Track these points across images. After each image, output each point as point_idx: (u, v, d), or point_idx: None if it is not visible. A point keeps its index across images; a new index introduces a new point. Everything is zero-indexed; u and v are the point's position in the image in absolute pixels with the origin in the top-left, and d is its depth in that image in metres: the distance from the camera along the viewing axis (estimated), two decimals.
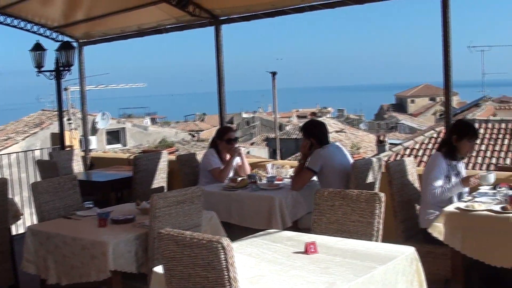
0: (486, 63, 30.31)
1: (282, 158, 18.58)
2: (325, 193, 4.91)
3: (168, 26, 9.61)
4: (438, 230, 5.23)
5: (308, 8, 8.04)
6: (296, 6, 8.15)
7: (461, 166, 6.04)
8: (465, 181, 5.66)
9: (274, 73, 9.80)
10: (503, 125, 19.42)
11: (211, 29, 9.01)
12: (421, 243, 5.61)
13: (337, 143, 7.09)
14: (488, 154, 18.03)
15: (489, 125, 19.55)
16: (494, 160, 17.64)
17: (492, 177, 5.52)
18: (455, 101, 57.72)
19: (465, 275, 5.54)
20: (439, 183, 5.78)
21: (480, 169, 15.18)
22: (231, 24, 9.16)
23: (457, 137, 5.89)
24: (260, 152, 34.66)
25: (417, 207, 6.14)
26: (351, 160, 6.76)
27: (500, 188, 5.80)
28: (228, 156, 7.56)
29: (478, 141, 18.01)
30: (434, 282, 5.59)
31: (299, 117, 60.35)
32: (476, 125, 19.37)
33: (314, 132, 6.81)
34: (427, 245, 5.56)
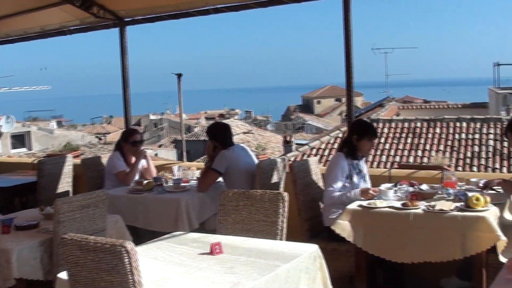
0: (389, 65, 31.23)
1: (191, 160, 18.52)
2: (229, 194, 4.96)
3: (72, 28, 9.44)
4: (341, 227, 5.33)
5: (213, 11, 8.07)
6: (201, 9, 8.17)
7: (363, 164, 6.20)
8: (363, 193, 5.74)
9: (179, 75, 9.77)
10: (406, 125, 19.95)
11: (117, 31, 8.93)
12: (326, 241, 5.74)
13: (242, 144, 7.14)
14: (392, 152, 18.51)
15: (393, 125, 20.05)
16: (397, 158, 18.12)
17: (391, 193, 5.66)
18: (360, 101, 59.06)
19: (369, 271, 5.68)
20: (338, 184, 5.91)
21: (385, 167, 15.55)
22: (139, 25, 9.08)
23: (358, 136, 6.04)
24: (168, 154, 34.49)
25: (321, 205, 6.26)
26: (256, 161, 6.82)
27: (401, 185, 5.96)
28: (133, 159, 7.50)
29: (382, 140, 18.55)
30: (340, 279, 5.72)
31: (207, 118, 60.41)
32: (380, 125, 19.89)
33: (218, 134, 6.84)
34: (332, 243, 5.67)
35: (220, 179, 6.71)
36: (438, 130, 19.24)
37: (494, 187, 5.64)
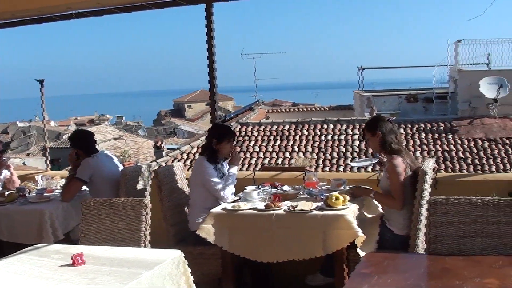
0: (259, 69, 31.63)
1: (60, 168, 18.05)
2: (91, 203, 4.90)
3: None
4: (206, 231, 5.38)
5: (75, 15, 7.94)
6: (63, 13, 8.00)
7: (225, 167, 6.26)
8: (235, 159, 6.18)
9: (41, 81, 9.51)
10: (274, 127, 20.27)
11: None
12: (193, 245, 5.80)
13: (106, 151, 7.01)
14: (261, 155, 18.75)
15: (262, 128, 20.32)
16: (267, 161, 18.39)
17: (255, 194, 5.77)
18: (231, 105, 59.63)
19: (237, 272, 5.77)
20: (217, 179, 5.99)
21: (255, 170, 15.76)
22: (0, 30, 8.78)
23: (217, 140, 6.12)
24: (37, 163, 33.49)
25: (187, 210, 6.29)
26: (121, 168, 6.74)
27: (264, 187, 6.10)
28: None
29: (251, 143, 18.79)
30: (209, 282, 5.78)
31: (77, 125, 59.12)
32: (250, 128, 20.13)
33: (80, 142, 6.69)
34: (199, 247, 5.73)
35: (85, 187, 6.59)
36: (305, 132, 19.68)
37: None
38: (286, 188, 6.02)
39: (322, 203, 5.33)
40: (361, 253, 5.12)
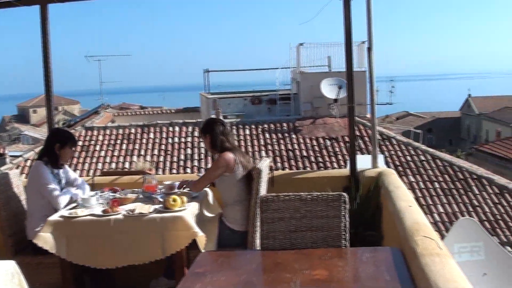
0: (104, 72, 30.98)
1: None
2: None
3: None
4: (43, 240, 5.23)
5: None
6: None
7: (62, 174, 6.12)
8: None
9: None
10: (120, 131, 20.07)
11: None
12: (31, 255, 5.65)
13: None
14: (108, 159, 18.51)
15: (107, 132, 20.06)
16: (113, 165, 18.17)
17: (93, 200, 5.70)
18: (77, 109, 58.36)
19: (78, 280, 5.68)
20: (54, 185, 5.85)
21: (94, 175, 15.52)
22: None
23: (60, 145, 6.00)
24: None
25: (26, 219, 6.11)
26: None
27: (103, 192, 6.03)
28: None
29: (97, 148, 18.53)
30: None
31: None
32: (95, 132, 19.83)
33: None
34: (37, 257, 5.59)
35: None
36: (152, 135, 19.64)
37: (184, 187, 6.00)
38: (126, 192, 6.00)
39: (161, 205, 5.38)
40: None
